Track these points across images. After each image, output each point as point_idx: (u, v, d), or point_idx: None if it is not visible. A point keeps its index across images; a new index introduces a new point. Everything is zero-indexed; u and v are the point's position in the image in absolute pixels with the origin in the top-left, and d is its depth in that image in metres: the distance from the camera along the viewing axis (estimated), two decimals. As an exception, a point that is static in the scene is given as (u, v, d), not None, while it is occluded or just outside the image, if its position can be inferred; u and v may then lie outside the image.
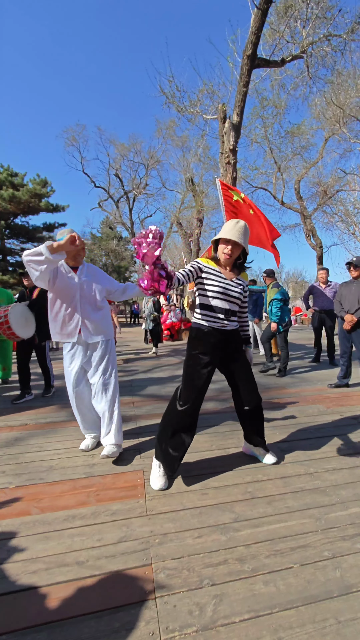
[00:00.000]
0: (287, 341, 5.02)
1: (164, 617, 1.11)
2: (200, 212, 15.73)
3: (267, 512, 1.66)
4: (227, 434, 2.67)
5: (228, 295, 1.93)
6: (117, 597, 1.19)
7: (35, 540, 1.48)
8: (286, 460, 2.21)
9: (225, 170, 5.64)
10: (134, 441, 2.59)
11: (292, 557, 1.36)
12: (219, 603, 1.15)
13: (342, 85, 11.23)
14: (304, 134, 13.66)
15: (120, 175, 21.79)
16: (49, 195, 21.61)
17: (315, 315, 5.85)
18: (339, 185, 15.31)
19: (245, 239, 1.88)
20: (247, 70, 5.51)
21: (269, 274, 5.33)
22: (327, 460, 2.21)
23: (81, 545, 1.44)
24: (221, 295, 1.91)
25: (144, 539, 1.48)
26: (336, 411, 3.22)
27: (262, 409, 2.14)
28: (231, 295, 1.94)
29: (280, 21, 6.97)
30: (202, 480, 1.98)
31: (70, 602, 1.17)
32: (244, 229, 1.88)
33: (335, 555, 1.37)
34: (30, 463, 2.23)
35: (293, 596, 1.18)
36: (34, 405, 3.62)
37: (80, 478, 2.03)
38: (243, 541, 1.45)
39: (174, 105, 8.40)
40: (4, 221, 19.53)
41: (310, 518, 1.61)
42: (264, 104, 10.06)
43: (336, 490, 1.85)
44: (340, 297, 4.11)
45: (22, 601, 1.18)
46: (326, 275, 5.74)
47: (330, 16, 6.60)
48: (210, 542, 1.45)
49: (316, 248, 15.33)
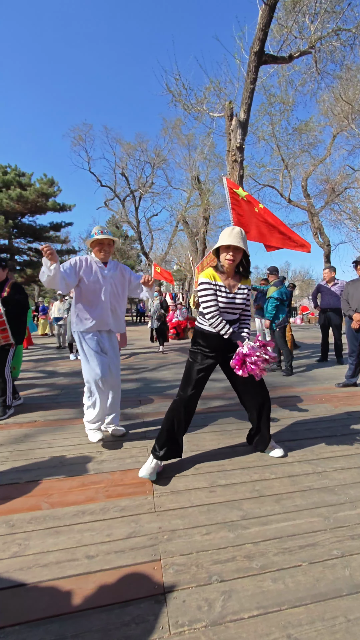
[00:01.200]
0: (285, 340, 5.01)
1: (173, 611, 1.12)
2: (206, 210, 15.69)
3: (275, 510, 1.66)
4: (234, 432, 2.68)
5: (232, 307, 2.03)
6: (126, 591, 1.20)
7: (46, 534, 1.50)
8: (294, 459, 2.20)
9: (232, 168, 5.62)
10: (141, 438, 2.61)
11: (300, 555, 1.36)
12: (228, 599, 1.16)
13: (351, 81, 11.05)
14: (312, 131, 13.49)
15: (126, 174, 21.81)
16: (55, 194, 21.78)
17: (321, 313, 5.81)
18: (347, 183, 15.12)
19: (244, 242, 1.96)
20: (255, 67, 5.46)
21: (272, 271, 5.33)
22: (335, 459, 2.20)
23: (91, 540, 1.46)
24: (225, 308, 2.02)
25: (152, 535, 1.49)
26: (344, 410, 3.19)
27: (270, 407, 2.18)
28: (235, 308, 2.04)
29: (288, 16, 6.89)
30: (210, 477, 1.98)
31: (80, 596, 1.18)
32: (240, 233, 1.97)
33: (344, 554, 1.36)
34: (40, 459, 2.27)
35: (302, 594, 1.18)
36: (42, 404, 3.67)
37: (89, 474, 2.05)
38: (251, 539, 1.46)
39: (181, 104, 8.37)
40: (11, 220, 19.74)
41: (318, 517, 1.60)
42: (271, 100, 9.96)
43: (345, 489, 1.84)
44: (347, 296, 4.07)
45: (34, 593, 1.20)
46: (331, 273, 5.69)
47: (339, 10, 6.49)
48: (218, 539, 1.46)
49: (324, 246, 15.17)
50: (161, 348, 7.61)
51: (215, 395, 3.75)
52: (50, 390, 4.28)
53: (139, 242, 22.55)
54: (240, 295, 2.04)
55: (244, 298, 2.04)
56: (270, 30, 5.80)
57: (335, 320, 5.66)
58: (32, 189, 20.20)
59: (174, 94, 8.28)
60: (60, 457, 2.29)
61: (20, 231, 21.65)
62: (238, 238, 1.94)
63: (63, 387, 4.36)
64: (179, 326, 10.73)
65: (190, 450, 2.36)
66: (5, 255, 21.28)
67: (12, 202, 19.39)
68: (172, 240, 23.43)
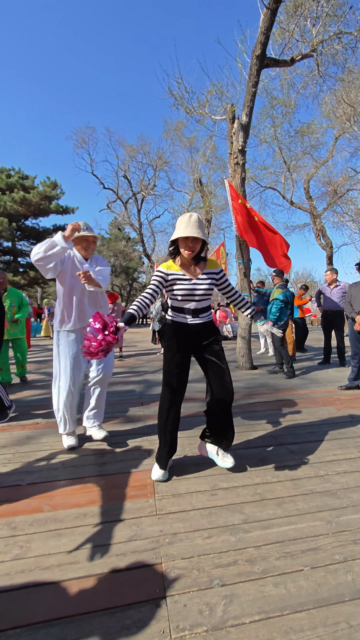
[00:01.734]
0: (283, 342, 5.00)
1: (174, 615, 1.12)
2: (208, 212, 15.71)
3: (276, 513, 1.65)
4: (236, 435, 2.66)
5: (195, 294, 1.96)
6: (127, 594, 1.20)
7: (48, 537, 1.51)
8: (296, 462, 2.19)
9: (234, 171, 5.63)
10: (142, 441, 2.61)
11: (302, 560, 1.35)
12: (229, 603, 1.16)
13: (353, 83, 11.06)
14: (314, 133, 13.50)
15: (128, 177, 21.92)
16: (58, 197, 21.93)
17: (323, 315, 5.80)
18: (350, 184, 15.07)
19: (202, 230, 1.88)
20: (256, 71, 5.48)
21: (278, 273, 5.34)
22: (337, 462, 2.18)
23: (92, 543, 1.46)
24: (188, 297, 1.97)
25: (153, 538, 1.49)
26: (347, 413, 3.18)
27: (230, 406, 2.04)
28: (198, 294, 1.96)
29: (289, 20, 6.91)
30: (211, 480, 1.98)
31: (82, 599, 1.18)
32: (198, 221, 1.89)
33: (346, 559, 1.35)
34: (41, 461, 2.27)
35: (304, 599, 1.17)
36: (44, 405, 3.68)
37: (91, 476, 2.05)
38: (253, 542, 1.45)
39: (183, 107, 8.41)
40: (15, 223, 19.88)
41: (320, 521, 1.60)
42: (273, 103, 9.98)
43: (347, 493, 1.83)
44: (350, 298, 4.06)
45: (35, 596, 1.20)
46: (333, 275, 5.67)
47: (341, 14, 6.51)
48: (219, 542, 1.46)
49: (326, 248, 15.14)
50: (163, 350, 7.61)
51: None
52: (53, 392, 4.28)
53: (141, 244, 22.61)
54: (202, 282, 1.96)
55: (207, 285, 1.97)
56: (272, 34, 5.82)
57: (337, 322, 5.64)
58: (35, 191, 20.35)
59: (176, 98, 8.32)
60: (62, 459, 2.29)
61: (23, 233, 21.80)
62: (195, 227, 1.86)
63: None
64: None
65: (192, 453, 2.36)
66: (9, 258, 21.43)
67: (16, 204, 19.54)
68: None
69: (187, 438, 2.64)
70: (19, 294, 4.84)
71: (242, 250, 5.46)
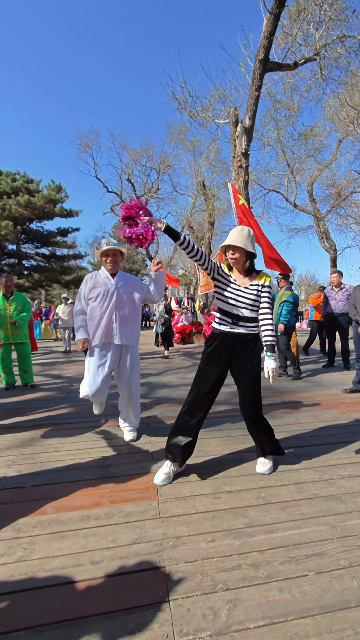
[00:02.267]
0: (289, 344, 4.99)
1: (178, 620, 1.11)
2: (211, 215, 15.74)
3: (281, 518, 1.64)
4: (240, 438, 2.66)
5: (238, 301, 1.99)
6: (131, 598, 1.20)
7: (51, 539, 1.51)
8: (300, 466, 2.17)
9: (237, 174, 5.65)
10: (145, 444, 2.61)
11: (307, 565, 1.34)
12: (233, 608, 1.15)
13: (356, 86, 11.06)
14: (317, 136, 13.50)
15: (132, 180, 22.04)
16: (63, 200, 22.08)
17: (327, 318, 5.77)
18: (353, 187, 15.04)
19: (247, 241, 1.96)
20: (260, 74, 5.51)
21: (284, 276, 5.35)
22: (342, 466, 2.16)
23: (95, 546, 1.46)
24: (231, 301, 2.00)
25: (157, 541, 1.49)
26: (352, 417, 3.15)
27: (260, 419, 2.10)
28: (242, 301, 1.99)
29: (292, 24, 6.95)
30: (215, 484, 1.97)
31: (85, 601, 1.18)
32: (246, 232, 1.98)
33: (352, 564, 1.34)
34: (45, 463, 2.28)
35: (309, 604, 1.16)
36: (48, 407, 3.69)
37: (94, 479, 2.05)
38: (257, 547, 1.44)
39: (186, 111, 8.46)
40: (20, 226, 20.05)
41: (325, 525, 1.58)
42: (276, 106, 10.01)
43: (352, 498, 1.81)
44: (354, 301, 4.04)
45: (38, 599, 1.20)
46: (339, 278, 5.65)
47: (343, 18, 6.54)
48: (223, 546, 1.45)
49: (330, 251, 15.09)
50: (166, 352, 7.61)
51: (222, 401, 3.73)
52: (57, 393, 4.30)
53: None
54: (250, 291, 1.99)
55: (254, 296, 1.98)
56: (275, 38, 5.85)
57: (342, 325, 5.61)
58: (40, 195, 20.53)
59: (180, 102, 8.39)
60: (66, 461, 2.29)
61: (28, 236, 21.97)
62: (241, 237, 1.95)
63: (69, 391, 4.38)
64: (184, 330, 10.72)
65: (196, 456, 2.35)
66: (13, 261, 21.60)
67: (21, 208, 19.72)
68: (177, 245, 23.52)
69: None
70: (24, 298, 4.86)
71: None
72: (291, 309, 4.89)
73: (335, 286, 5.64)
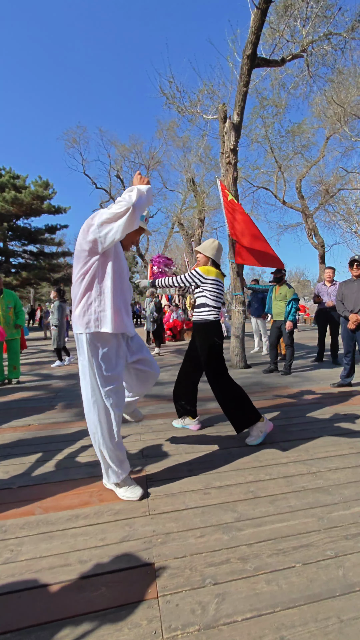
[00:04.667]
0: (292, 340, 5.08)
1: (167, 615, 1.11)
2: (201, 212, 15.74)
3: (269, 511, 1.66)
4: (230, 434, 2.67)
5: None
6: (120, 596, 1.19)
7: (39, 539, 1.49)
8: (288, 460, 2.20)
9: (226, 170, 5.64)
10: (135, 442, 2.60)
11: (294, 556, 1.36)
12: (222, 602, 1.16)
13: (342, 84, 11.19)
14: (305, 133, 13.62)
15: (121, 176, 21.81)
16: (50, 197, 21.72)
17: (320, 313, 5.85)
18: (341, 184, 15.27)
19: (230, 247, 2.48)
20: (247, 70, 5.49)
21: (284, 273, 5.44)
22: (329, 459, 2.20)
23: (84, 545, 1.45)
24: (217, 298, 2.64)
25: (146, 538, 1.48)
26: (339, 410, 3.21)
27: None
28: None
29: (280, 20, 6.95)
30: (205, 479, 1.98)
31: (73, 601, 1.17)
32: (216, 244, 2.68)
33: (337, 554, 1.37)
34: (33, 463, 2.25)
35: (295, 595, 1.18)
36: (37, 407, 3.64)
37: (83, 478, 2.04)
38: (245, 540, 1.45)
39: (175, 106, 8.40)
40: (6, 223, 19.65)
41: (312, 517, 1.61)
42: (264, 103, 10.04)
43: (339, 490, 1.84)
44: (341, 297, 4.10)
45: (26, 600, 1.18)
46: (333, 274, 5.81)
47: (330, 15, 6.57)
48: (212, 541, 1.46)
49: (318, 247, 15.30)
50: (157, 350, 7.60)
51: (211, 397, 3.74)
52: (46, 393, 4.25)
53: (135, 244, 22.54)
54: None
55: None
56: (263, 34, 5.84)
57: (334, 320, 5.73)
58: (27, 191, 20.13)
59: (168, 97, 8.32)
60: (54, 461, 2.27)
61: (15, 234, 21.55)
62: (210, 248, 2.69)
63: (59, 390, 4.34)
64: (175, 328, 10.72)
65: (185, 452, 2.36)
66: (0, 258, 21.16)
67: (7, 204, 19.30)
68: (167, 241, 23.42)
69: (180, 438, 2.64)
70: (14, 295, 4.86)
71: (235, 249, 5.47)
72: (297, 307, 5.00)
73: (328, 281, 5.76)
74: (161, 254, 3.30)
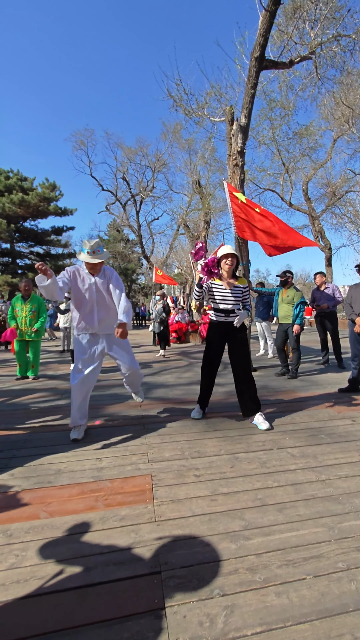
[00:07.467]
0: (299, 343, 5.02)
1: (174, 627, 1.08)
2: (207, 214, 15.71)
3: (278, 520, 1.62)
4: (236, 439, 2.64)
5: (226, 299, 2.97)
6: (126, 605, 1.17)
7: (44, 545, 1.47)
8: (297, 466, 2.16)
9: (232, 173, 5.61)
10: (141, 445, 2.57)
11: (305, 568, 1.32)
12: (230, 614, 1.13)
13: (351, 85, 11.09)
14: (312, 135, 13.51)
15: (127, 179, 21.88)
16: (57, 198, 21.88)
17: (317, 318, 5.90)
18: (348, 186, 15.12)
19: (237, 251, 2.72)
20: (255, 72, 5.47)
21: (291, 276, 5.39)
22: (339, 466, 2.16)
23: (90, 551, 1.43)
24: (220, 300, 2.99)
25: (152, 545, 1.46)
26: (347, 416, 3.15)
27: (253, 380, 3.03)
28: (229, 300, 2.96)
29: (288, 22, 6.92)
30: (211, 485, 1.95)
31: (79, 610, 1.15)
32: (234, 247, 3.09)
33: (349, 566, 1.32)
34: (38, 466, 2.23)
35: (307, 609, 1.14)
36: (42, 408, 3.64)
37: (89, 482, 2.02)
38: (254, 550, 1.42)
39: (182, 109, 8.39)
40: (13, 224, 19.83)
41: (322, 527, 1.57)
42: (271, 105, 9.99)
43: (349, 499, 1.80)
44: (350, 300, 4.04)
45: (30, 608, 1.17)
46: (322, 278, 5.86)
47: (339, 16, 6.52)
48: (220, 550, 1.42)
49: (325, 250, 15.16)
50: (162, 352, 7.57)
51: (216, 400, 3.71)
52: (51, 394, 4.25)
53: (140, 245, 22.56)
54: (234, 292, 2.98)
55: (239, 295, 3.00)
56: (271, 36, 5.82)
57: (330, 322, 5.71)
58: (34, 193, 20.31)
59: (175, 99, 8.31)
60: (60, 464, 2.26)
61: (22, 235, 21.74)
62: (233, 249, 2.97)
63: (64, 392, 4.33)
64: (181, 329, 10.68)
65: (192, 457, 2.33)
66: (7, 260, 21.37)
67: (14, 206, 19.50)
68: (173, 243, 23.42)
69: (186, 442, 2.61)
70: (40, 300, 5.16)
71: (242, 252, 5.43)
72: (304, 310, 4.96)
73: (319, 286, 5.80)
74: (211, 256, 3.21)
